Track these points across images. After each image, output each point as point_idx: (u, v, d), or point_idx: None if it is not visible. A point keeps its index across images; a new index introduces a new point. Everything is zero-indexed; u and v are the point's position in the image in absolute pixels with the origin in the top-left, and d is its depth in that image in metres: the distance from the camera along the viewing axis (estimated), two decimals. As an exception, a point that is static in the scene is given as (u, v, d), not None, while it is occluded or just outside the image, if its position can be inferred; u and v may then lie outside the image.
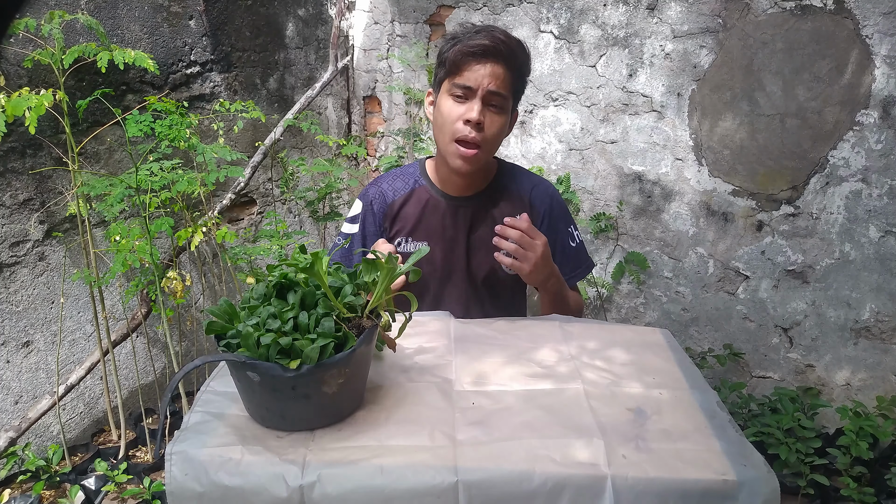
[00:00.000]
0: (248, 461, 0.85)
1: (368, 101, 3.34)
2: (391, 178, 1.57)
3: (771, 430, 2.26)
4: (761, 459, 0.87)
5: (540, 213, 1.53)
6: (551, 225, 1.54)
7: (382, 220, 1.54)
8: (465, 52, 1.35)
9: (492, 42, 1.34)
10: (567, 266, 1.56)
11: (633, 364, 1.12)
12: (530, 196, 1.54)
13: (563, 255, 1.56)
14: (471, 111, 1.35)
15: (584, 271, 1.61)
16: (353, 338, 0.90)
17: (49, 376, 2.29)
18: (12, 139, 2.06)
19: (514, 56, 1.37)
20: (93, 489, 2.17)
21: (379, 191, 1.55)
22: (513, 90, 1.40)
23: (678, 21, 2.50)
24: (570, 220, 1.59)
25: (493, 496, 0.82)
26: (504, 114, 1.40)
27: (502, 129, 1.41)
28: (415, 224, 1.52)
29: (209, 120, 2.51)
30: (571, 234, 1.58)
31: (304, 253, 0.98)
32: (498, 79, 1.35)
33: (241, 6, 2.70)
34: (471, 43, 1.34)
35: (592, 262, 1.64)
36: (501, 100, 1.37)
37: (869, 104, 2.26)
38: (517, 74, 1.40)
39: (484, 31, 1.36)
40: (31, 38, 1.98)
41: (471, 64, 1.35)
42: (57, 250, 2.25)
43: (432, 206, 1.51)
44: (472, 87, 1.35)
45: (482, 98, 1.35)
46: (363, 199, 1.56)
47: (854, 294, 2.42)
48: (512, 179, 1.55)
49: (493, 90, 1.35)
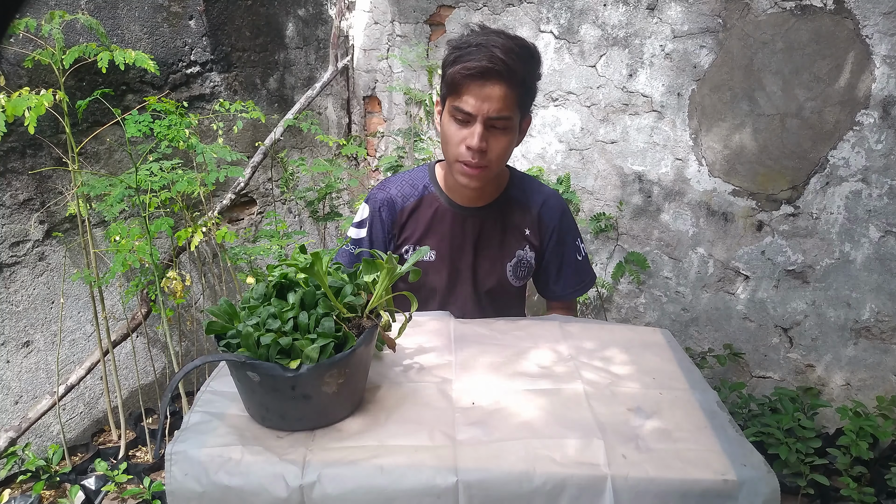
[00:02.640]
0: (248, 461, 0.85)
1: (368, 102, 3.34)
2: (399, 183, 1.54)
3: (771, 430, 2.26)
4: (761, 459, 0.87)
5: (549, 228, 1.53)
6: (560, 239, 1.54)
7: (391, 227, 1.51)
8: (463, 74, 1.28)
9: (490, 63, 1.26)
10: (572, 279, 1.57)
11: (632, 364, 1.12)
12: (540, 210, 1.53)
13: (569, 268, 1.56)
14: (472, 137, 1.30)
15: (588, 285, 1.61)
16: (353, 338, 0.90)
17: (49, 376, 2.29)
18: (12, 139, 2.06)
19: (515, 73, 1.29)
20: (93, 489, 2.17)
21: (388, 196, 1.51)
22: (518, 105, 1.33)
23: (678, 21, 2.50)
24: (577, 233, 1.59)
25: (493, 496, 0.82)
26: (509, 133, 1.35)
27: (508, 146, 1.36)
28: (423, 232, 1.50)
29: (209, 120, 2.51)
30: (578, 248, 1.58)
31: (304, 253, 0.98)
32: (499, 101, 1.29)
33: (241, 6, 2.70)
34: (469, 65, 1.27)
35: (595, 275, 1.64)
36: (505, 122, 1.32)
37: (869, 104, 2.26)
38: (522, 89, 1.33)
39: (484, 48, 1.28)
40: (31, 38, 1.98)
41: (470, 87, 1.28)
42: (57, 250, 2.25)
43: (441, 215, 1.49)
44: (472, 112, 1.29)
45: (483, 123, 1.30)
46: (370, 204, 1.52)
47: (854, 294, 2.42)
48: (522, 192, 1.54)
49: (495, 116, 1.29)
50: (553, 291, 1.60)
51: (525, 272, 1.55)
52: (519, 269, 1.54)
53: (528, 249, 1.53)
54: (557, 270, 1.57)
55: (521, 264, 1.54)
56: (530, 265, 1.55)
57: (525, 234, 1.52)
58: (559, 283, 1.58)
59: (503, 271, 1.52)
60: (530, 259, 1.54)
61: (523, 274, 1.55)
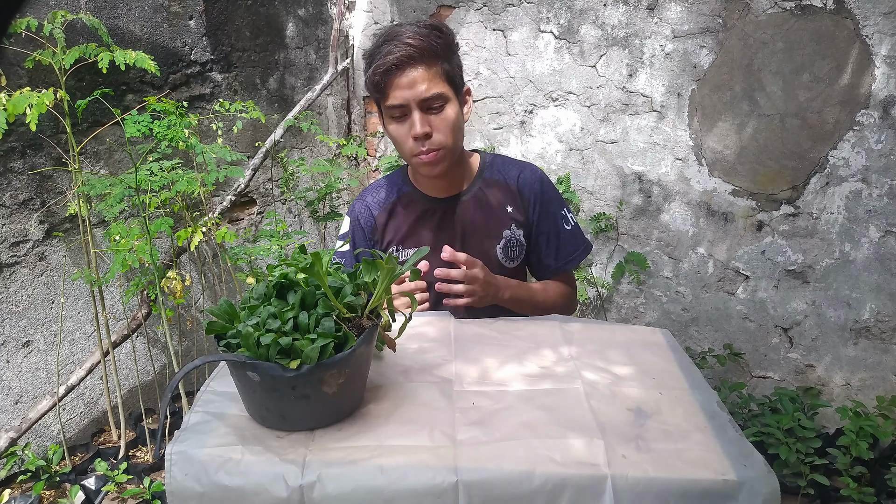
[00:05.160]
0: (248, 461, 0.85)
1: (368, 101, 3.34)
2: (375, 190, 1.56)
3: (771, 430, 2.26)
4: (761, 459, 0.87)
5: (530, 200, 1.51)
6: (543, 210, 1.52)
7: (371, 234, 1.53)
8: (380, 71, 1.30)
9: (401, 50, 1.28)
10: (563, 251, 1.53)
11: (632, 364, 1.12)
12: (518, 183, 1.51)
13: (557, 240, 1.53)
14: (413, 126, 1.32)
15: (582, 254, 1.56)
16: (353, 338, 0.90)
17: (49, 376, 2.29)
18: (12, 139, 2.06)
19: (427, 51, 1.30)
20: (93, 489, 2.17)
21: (364, 205, 1.54)
22: (445, 80, 1.34)
23: (678, 21, 2.50)
24: (561, 202, 1.56)
25: (493, 496, 0.82)
26: (449, 107, 1.35)
27: (454, 120, 1.36)
28: (406, 232, 1.51)
29: (209, 120, 2.51)
30: (565, 217, 1.54)
31: (304, 253, 0.98)
32: (424, 82, 1.30)
33: (241, 6, 2.70)
34: (382, 61, 1.29)
35: (590, 244, 1.59)
36: (438, 98, 1.32)
37: (869, 104, 2.26)
38: (445, 65, 1.33)
39: (392, 40, 1.30)
40: (31, 37, 1.98)
41: (391, 81, 1.30)
42: (57, 250, 2.25)
43: (420, 212, 1.50)
44: (403, 103, 1.31)
45: (419, 107, 1.31)
46: (350, 216, 1.56)
47: (854, 294, 2.42)
48: (497, 171, 1.53)
49: (426, 96, 1.30)
50: (547, 266, 1.55)
51: (516, 252, 1.52)
52: (509, 250, 1.51)
53: (515, 227, 1.51)
54: (547, 242, 1.53)
55: (511, 244, 1.51)
56: (521, 244, 1.52)
57: (508, 212, 1.50)
58: (551, 256, 1.54)
59: (493, 254, 1.50)
60: (519, 237, 1.52)
61: (514, 254, 1.52)
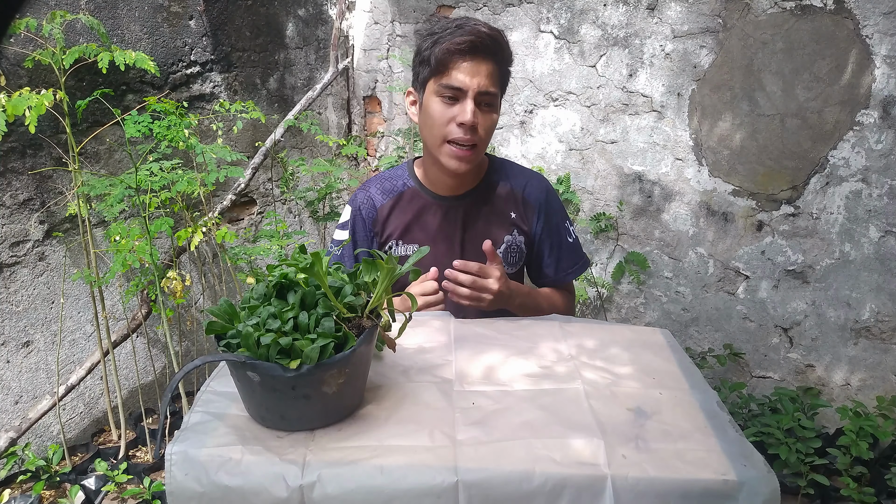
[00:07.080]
0: (248, 461, 0.85)
1: (368, 102, 3.34)
2: (379, 181, 1.55)
3: (771, 430, 2.26)
4: (761, 459, 0.87)
5: (535, 210, 1.52)
6: (547, 221, 1.52)
7: (372, 226, 1.52)
8: (451, 50, 1.30)
9: (477, 37, 1.29)
10: (563, 263, 1.55)
11: (632, 364, 1.12)
12: (524, 192, 1.52)
13: (558, 251, 1.54)
14: (464, 113, 1.31)
15: (580, 269, 1.59)
16: (353, 338, 0.90)
17: (49, 376, 2.29)
18: (12, 139, 2.06)
19: (500, 49, 1.33)
20: (93, 489, 2.17)
21: (367, 196, 1.53)
22: (501, 85, 1.38)
23: (678, 21, 2.50)
24: (565, 215, 1.57)
25: (493, 496, 0.82)
26: (495, 111, 1.38)
27: (494, 125, 1.39)
28: (406, 227, 1.50)
29: (209, 120, 2.51)
30: (568, 231, 1.56)
31: (304, 253, 0.98)
32: (488, 77, 1.32)
33: (241, 6, 2.70)
34: (456, 40, 1.29)
35: (588, 260, 1.62)
36: (492, 98, 1.35)
37: (869, 104, 2.26)
38: (504, 68, 1.37)
39: (466, 26, 1.31)
40: (31, 38, 1.98)
41: (458, 62, 1.30)
42: (57, 250, 2.25)
43: (423, 208, 1.50)
44: (461, 88, 1.31)
45: (474, 98, 1.32)
46: (352, 205, 1.54)
47: (854, 294, 2.42)
48: (504, 176, 1.53)
49: (484, 90, 1.32)
50: (547, 275, 1.57)
51: (516, 258, 1.53)
52: (510, 255, 1.51)
53: (517, 234, 1.51)
54: (549, 252, 1.54)
55: (512, 250, 1.51)
56: (521, 250, 1.53)
57: (511, 218, 1.51)
58: (552, 266, 1.55)
59: None
60: (520, 244, 1.52)
61: (514, 260, 1.53)
